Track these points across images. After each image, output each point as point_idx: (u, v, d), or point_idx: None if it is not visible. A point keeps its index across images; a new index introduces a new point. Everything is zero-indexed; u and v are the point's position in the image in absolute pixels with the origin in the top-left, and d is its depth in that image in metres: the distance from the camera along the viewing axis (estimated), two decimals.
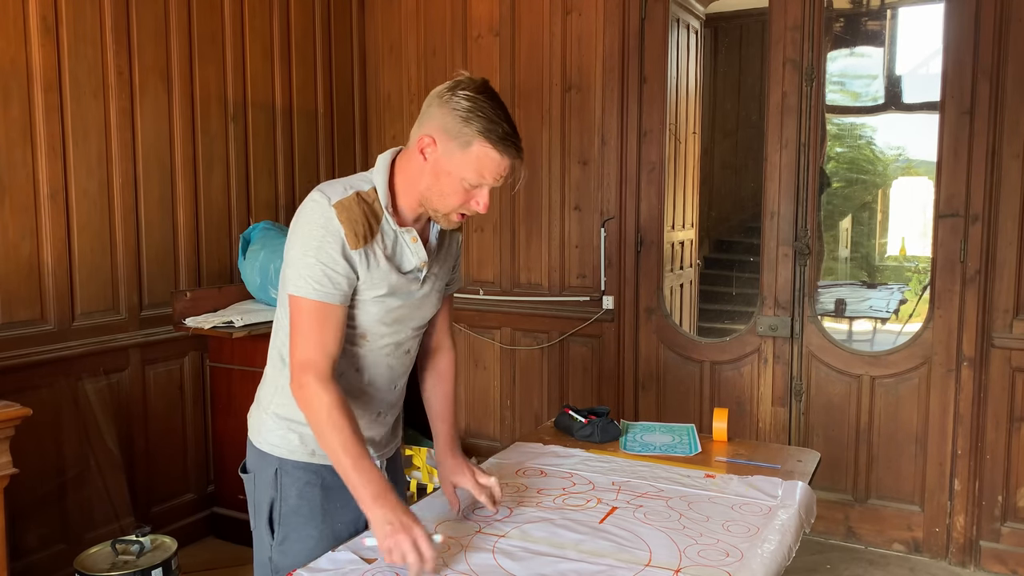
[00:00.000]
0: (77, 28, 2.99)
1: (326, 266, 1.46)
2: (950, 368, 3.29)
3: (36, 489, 2.91)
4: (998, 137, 3.13)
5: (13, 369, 2.80)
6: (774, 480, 1.90)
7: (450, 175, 1.47)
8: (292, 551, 1.58)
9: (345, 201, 1.48)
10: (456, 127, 1.45)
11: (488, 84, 1.49)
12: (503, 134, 1.44)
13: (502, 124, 1.44)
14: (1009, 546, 3.24)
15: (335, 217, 1.46)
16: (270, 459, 1.62)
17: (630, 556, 1.51)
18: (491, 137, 1.43)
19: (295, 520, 1.60)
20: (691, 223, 4.43)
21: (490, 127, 1.43)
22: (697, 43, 4.34)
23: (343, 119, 4.29)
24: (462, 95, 1.45)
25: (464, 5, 4.10)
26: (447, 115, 1.46)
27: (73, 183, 3.02)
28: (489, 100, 1.45)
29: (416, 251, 1.56)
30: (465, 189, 1.48)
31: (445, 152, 1.47)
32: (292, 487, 1.61)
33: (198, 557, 3.28)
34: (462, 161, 1.46)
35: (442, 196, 1.50)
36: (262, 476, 1.63)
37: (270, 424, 1.63)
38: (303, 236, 1.48)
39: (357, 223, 1.48)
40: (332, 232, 1.46)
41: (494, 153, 1.44)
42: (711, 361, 3.72)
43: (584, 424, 2.25)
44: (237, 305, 3.45)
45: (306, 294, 1.46)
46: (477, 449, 4.24)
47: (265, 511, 1.62)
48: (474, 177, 1.46)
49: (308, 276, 1.46)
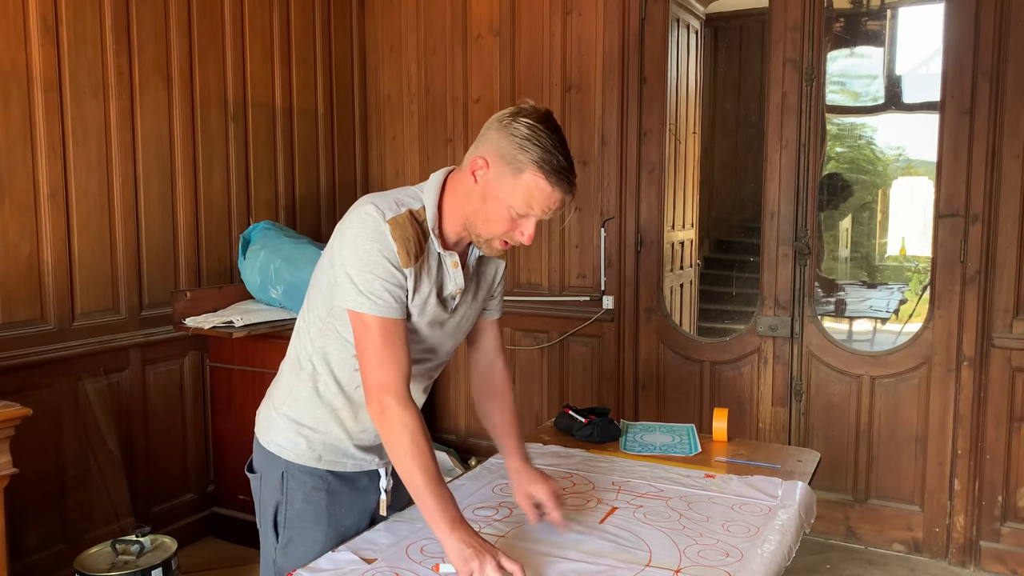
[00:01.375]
0: (77, 28, 2.99)
1: (386, 281, 1.44)
2: (950, 368, 3.29)
3: (36, 489, 2.91)
4: (998, 137, 3.13)
5: (13, 369, 2.80)
6: (774, 480, 1.90)
7: (498, 200, 1.44)
8: (296, 554, 1.58)
9: (399, 218, 1.46)
10: (511, 152, 1.41)
11: (551, 115, 1.46)
12: (557, 166, 1.40)
13: (558, 156, 1.41)
14: (1009, 546, 3.24)
15: (388, 233, 1.44)
16: (277, 461, 1.61)
17: (630, 556, 1.51)
18: (544, 167, 1.40)
19: (300, 524, 1.60)
20: (691, 223, 4.43)
21: (545, 157, 1.40)
22: (697, 43, 4.34)
23: (343, 119, 4.29)
24: (523, 122, 1.42)
25: (464, 5, 4.10)
26: (504, 139, 1.42)
27: (73, 183, 3.02)
28: (549, 131, 1.42)
29: (455, 276, 1.54)
30: (512, 217, 1.45)
31: (496, 176, 1.43)
32: (298, 491, 1.60)
33: (198, 557, 3.28)
34: (512, 188, 1.42)
35: (487, 221, 1.47)
36: (268, 478, 1.63)
37: (280, 425, 1.62)
38: (359, 251, 1.44)
39: (410, 241, 1.46)
40: (387, 248, 1.44)
41: (545, 184, 1.41)
42: (711, 361, 3.72)
43: (584, 424, 2.25)
44: (237, 305, 3.45)
45: (370, 311, 1.44)
46: (477, 449, 4.24)
47: (270, 513, 1.62)
48: (522, 206, 1.43)
49: (370, 292, 1.43)
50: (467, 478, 1.96)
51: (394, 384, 1.44)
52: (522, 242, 1.48)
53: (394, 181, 4.37)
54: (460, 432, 4.36)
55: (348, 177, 4.35)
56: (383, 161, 4.44)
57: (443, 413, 4.42)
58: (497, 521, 1.68)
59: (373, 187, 4.45)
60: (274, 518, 1.61)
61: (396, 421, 1.42)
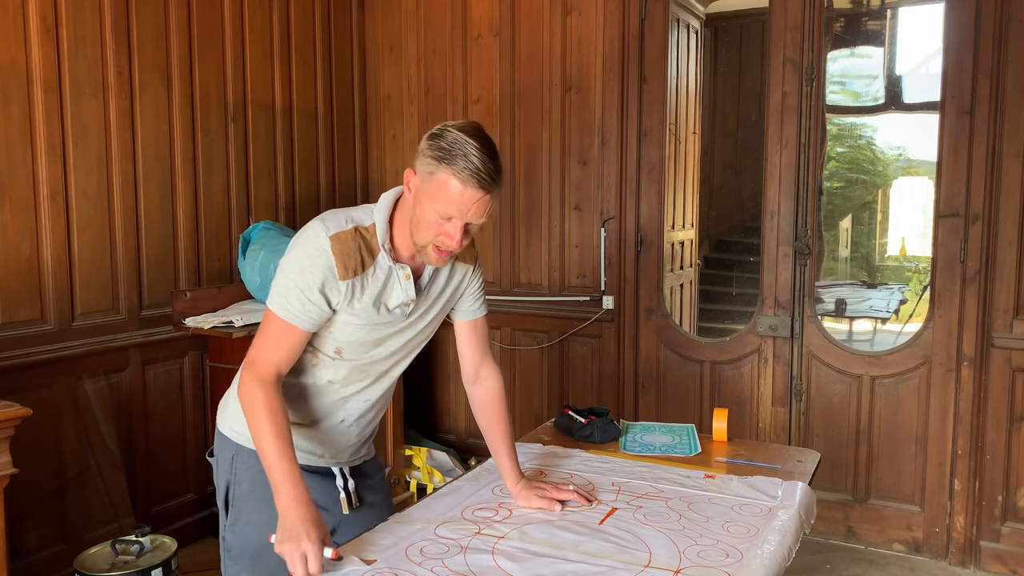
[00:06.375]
0: (77, 28, 2.99)
1: (302, 292, 1.54)
2: (950, 368, 3.29)
3: (36, 489, 2.91)
4: (998, 137, 3.13)
5: (13, 369, 2.80)
6: (774, 480, 1.90)
7: (422, 205, 1.51)
8: (243, 532, 1.69)
9: (342, 234, 1.55)
10: (427, 158, 1.49)
11: (477, 125, 1.52)
12: (472, 166, 1.45)
13: (471, 156, 1.45)
14: (1009, 546, 3.24)
15: (328, 250, 1.53)
16: (229, 443, 1.73)
17: (630, 557, 1.51)
18: (456, 166, 1.45)
19: (247, 504, 1.69)
20: (691, 223, 4.43)
21: (454, 157, 1.45)
22: (697, 43, 4.34)
23: (343, 119, 4.29)
24: (446, 131, 1.50)
25: (464, 5, 4.09)
26: (425, 148, 1.51)
27: (73, 183, 3.01)
28: (472, 137, 1.47)
29: (406, 288, 1.62)
30: (436, 220, 1.50)
31: (420, 182, 1.52)
32: (246, 473, 1.69)
33: (198, 557, 3.28)
34: (430, 190, 1.49)
35: (418, 227, 1.54)
36: (221, 459, 1.74)
37: (234, 410, 1.71)
38: (293, 259, 1.56)
39: (349, 256, 1.55)
40: (322, 264, 1.53)
41: (455, 182, 1.46)
42: (711, 361, 3.72)
43: (584, 424, 2.25)
44: (237, 305, 3.45)
45: (276, 311, 1.56)
46: (477, 449, 4.24)
47: (223, 493, 1.73)
48: (441, 207, 1.48)
49: (283, 296, 1.55)
50: (466, 479, 1.96)
51: (263, 369, 1.55)
52: (451, 247, 1.53)
53: (394, 181, 4.37)
54: (460, 432, 4.36)
55: (348, 177, 4.35)
56: (383, 161, 4.44)
57: (443, 413, 4.42)
58: (497, 522, 1.68)
59: (373, 187, 4.46)
60: (226, 497, 1.72)
61: (248, 392, 1.54)
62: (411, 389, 4.26)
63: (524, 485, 1.78)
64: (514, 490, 1.78)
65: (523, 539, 1.59)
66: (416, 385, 4.36)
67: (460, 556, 1.51)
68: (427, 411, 4.45)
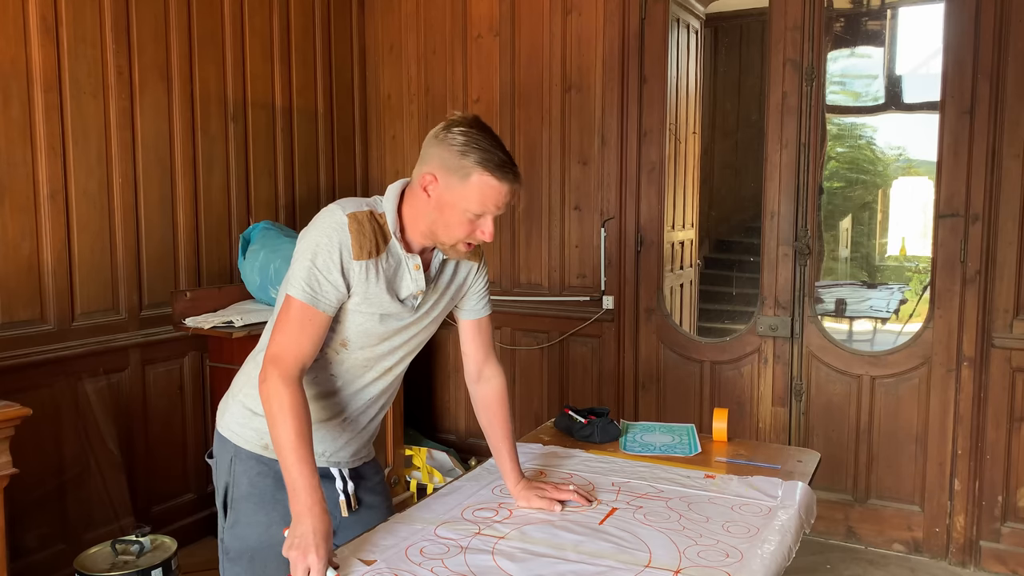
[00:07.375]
0: (77, 28, 2.99)
1: (321, 273, 1.52)
2: (950, 368, 3.29)
3: (36, 489, 2.91)
4: (998, 137, 3.13)
5: (13, 369, 2.80)
6: (774, 480, 1.90)
7: (453, 208, 1.53)
8: (241, 535, 1.68)
9: (359, 215, 1.56)
10: (455, 161, 1.51)
11: (479, 119, 1.56)
12: (499, 162, 1.51)
13: (497, 153, 1.51)
14: (1009, 546, 3.24)
15: (346, 227, 1.53)
16: (228, 445, 1.72)
17: (630, 557, 1.51)
18: (488, 166, 1.50)
19: (245, 506, 1.69)
20: (691, 223, 4.43)
21: (486, 156, 1.50)
22: (697, 43, 4.34)
23: (343, 119, 4.29)
24: (456, 131, 1.52)
25: (464, 5, 4.09)
26: (445, 151, 1.52)
27: (73, 183, 3.01)
28: (482, 132, 1.52)
29: (416, 278, 1.62)
30: (469, 220, 1.54)
31: (446, 187, 1.53)
32: (244, 475, 1.69)
33: (198, 557, 3.28)
34: (463, 192, 1.51)
35: (447, 228, 1.56)
36: (220, 460, 1.73)
37: (234, 411, 1.71)
38: (310, 240, 1.54)
39: (365, 237, 1.55)
40: (337, 241, 1.52)
41: (493, 180, 1.51)
42: (711, 361, 3.72)
43: (584, 424, 2.25)
44: (237, 305, 3.45)
45: (296, 295, 1.53)
46: (477, 449, 4.24)
47: (222, 494, 1.72)
48: (477, 207, 1.52)
49: (302, 278, 1.52)
50: (467, 479, 1.96)
51: (286, 363, 1.51)
52: (484, 240, 1.58)
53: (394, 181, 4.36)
54: (460, 432, 4.36)
55: (348, 177, 4.35)
56: (383, 161, 4.44)
57: (443, 413, 4.42)
58: (497, 522, 1.68)
59: (373, 187, 4.46)
60: (224, 499, 1.72)
61: (272, 392, 1.49)
62: (411, 389, 4.26)
63: (524, 485, 1.78)
64: (514, 490, 1.79)
65: (523, 539, 1.59)
66: (416, 385, 4.36)
67: (460, 556, 1.51)
68: (427, 411, 4.45)
